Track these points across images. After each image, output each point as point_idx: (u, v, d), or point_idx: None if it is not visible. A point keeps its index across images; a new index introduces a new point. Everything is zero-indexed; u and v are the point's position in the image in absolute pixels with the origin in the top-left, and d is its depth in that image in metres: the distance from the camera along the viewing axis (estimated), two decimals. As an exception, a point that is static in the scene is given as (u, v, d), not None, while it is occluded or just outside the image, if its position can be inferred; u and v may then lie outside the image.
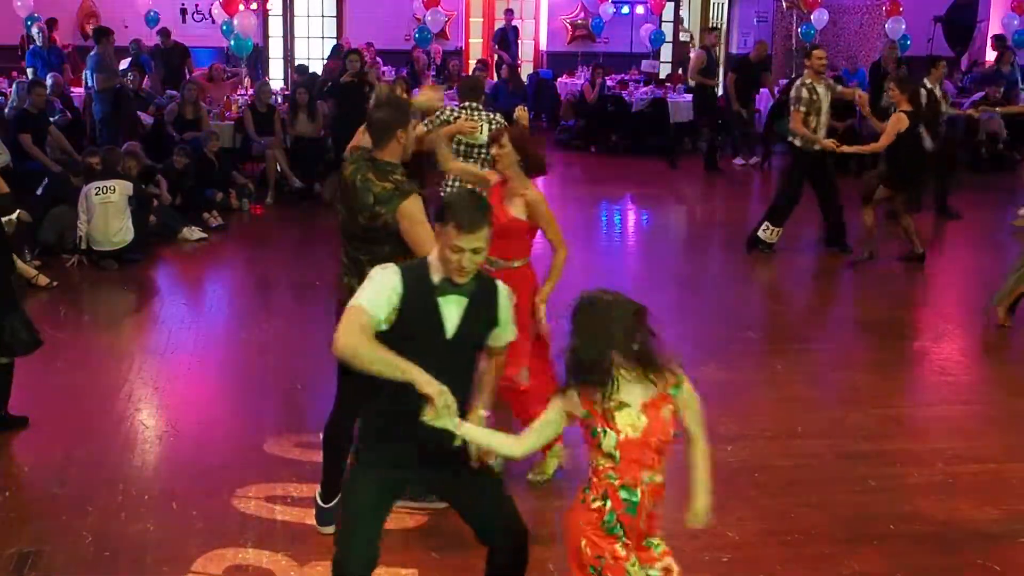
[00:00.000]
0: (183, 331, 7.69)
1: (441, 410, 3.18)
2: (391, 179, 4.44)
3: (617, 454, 3.17)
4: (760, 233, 9.94)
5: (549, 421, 3.30)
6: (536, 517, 4.63)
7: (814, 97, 9.58)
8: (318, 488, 4.76)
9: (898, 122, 9.21)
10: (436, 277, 3.39)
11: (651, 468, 3.20)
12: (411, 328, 3.36)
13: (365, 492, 3.50)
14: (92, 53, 12.35)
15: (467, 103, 7.24)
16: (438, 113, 7.01)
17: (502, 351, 3.62)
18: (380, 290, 3.37)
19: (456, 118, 7.09)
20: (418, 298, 3.37)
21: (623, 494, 3.19)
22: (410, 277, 3.39)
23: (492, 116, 7.20)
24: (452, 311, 3.39)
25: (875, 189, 9.59)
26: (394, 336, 3.35)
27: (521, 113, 6.72)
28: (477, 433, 3.33)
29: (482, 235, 3.31)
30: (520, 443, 3.36)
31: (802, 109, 9.56)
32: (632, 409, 3.17)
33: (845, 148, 9.73)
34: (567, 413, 3.25)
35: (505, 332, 3.56)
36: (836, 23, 18.34)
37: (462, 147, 7.11)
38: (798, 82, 9.87)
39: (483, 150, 6.89)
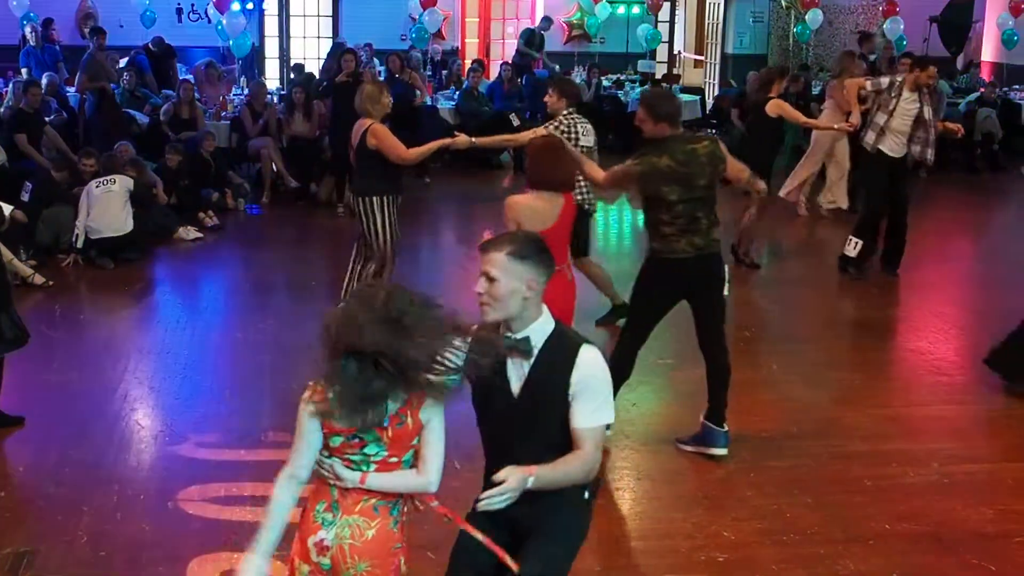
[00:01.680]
0: (179, 331, 7.68)
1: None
2: (701, 139, 5.63)
3: None
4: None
5: None
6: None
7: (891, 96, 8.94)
8: None
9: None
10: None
11: None
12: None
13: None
14: (86, 54, 12.35)
15: (571, 109, 7.28)
16: (556, 123, 7.14)
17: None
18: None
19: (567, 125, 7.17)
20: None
21: None
22: None
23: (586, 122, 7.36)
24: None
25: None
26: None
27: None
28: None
29: (489, 258, 3.16)
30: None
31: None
32: None
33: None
34: None
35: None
36: (832, 23, 18.36)
37: (584, 153, 7.14)
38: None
39: (591, 153, 7.18)
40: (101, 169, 9.63)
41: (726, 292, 5.47)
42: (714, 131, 16.13)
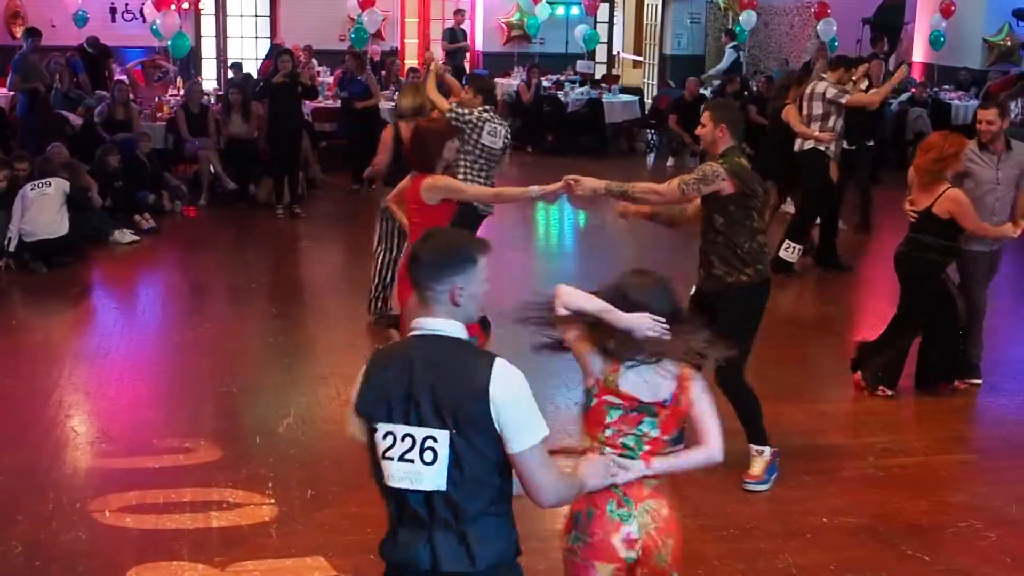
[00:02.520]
0: (115, 335, 7.56)
1: None
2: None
3: None
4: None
5: None
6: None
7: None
8: None
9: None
10: None
11: None
12: None
13: None
14: (18, 54, 12.11)
15: (486, 107, 7.23)
16: (461, 113, 7.08)
17: None
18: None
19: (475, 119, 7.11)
20: None
21: None
22: None
23: (504, 122, 7.34)
24: None
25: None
26: None
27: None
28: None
29: None
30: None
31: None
32: None
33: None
34: None
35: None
36: (768, 24, 18.60)
37: (483, 153, 7.15)
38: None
39: (503, 155, 7.25)
40: (35, 172, 9.46)
41: None
42: (653, 132, 16.28)
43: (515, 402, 2.71)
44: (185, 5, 15.41)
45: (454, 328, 2.80)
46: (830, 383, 7.05)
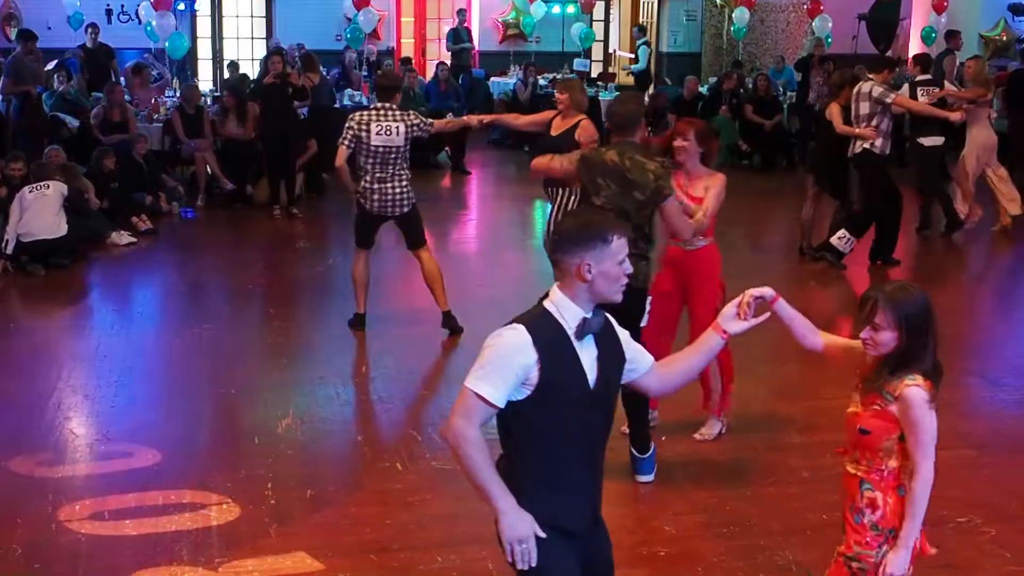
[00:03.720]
0: (113, 337, 7.56)
1: None
2: (656, 159, 5.15)
3: None
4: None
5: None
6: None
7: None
8: None
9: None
10: (572, 321, 2.98)
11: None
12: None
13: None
14: (10, 56, 12.10)
15: (383, 104, 7.28)
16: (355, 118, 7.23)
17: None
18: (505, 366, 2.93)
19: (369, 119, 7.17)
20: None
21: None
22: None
23: (407, 116, 7.31)
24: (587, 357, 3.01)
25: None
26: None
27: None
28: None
29: None
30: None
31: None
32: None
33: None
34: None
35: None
36: (763, 21, 18.61)
37: (381, 149, 7.15)
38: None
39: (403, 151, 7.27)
40: (31, 175, 9.44)
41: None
42: (650, 129, 16.26)
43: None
44: (181, 6, 15.41)
45: (565, 307, 2.96)
46: (826, 379, 7.04)
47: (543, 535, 2.94)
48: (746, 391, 6.61)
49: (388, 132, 7.19)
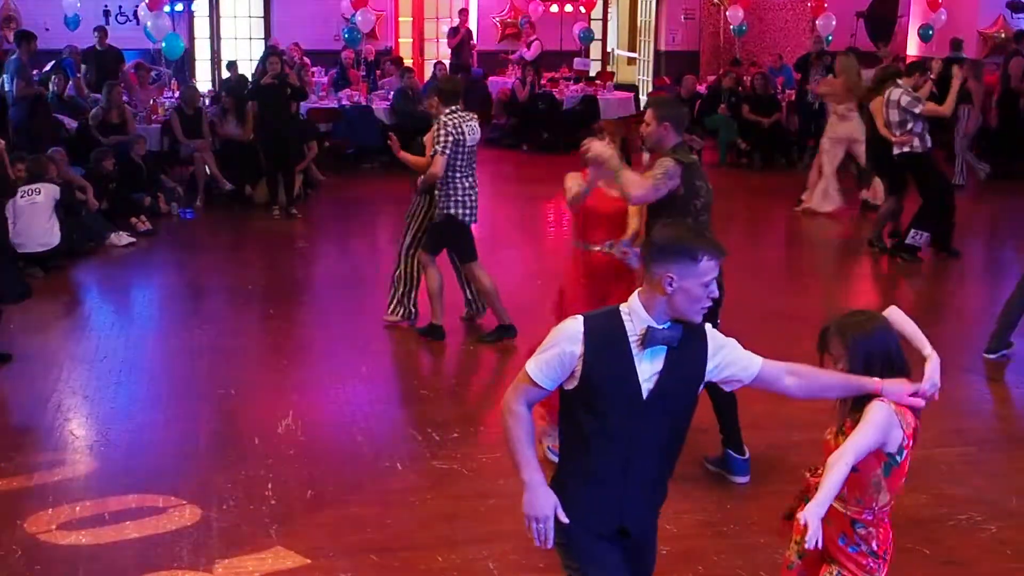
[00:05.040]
0: (112, 338, 7.55)
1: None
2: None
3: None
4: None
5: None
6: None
7: None
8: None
9: None
10: (638, 327, 2.97)
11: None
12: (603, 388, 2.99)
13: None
14: (12, 58, 12.06)
15: (453, 107, 7.10)
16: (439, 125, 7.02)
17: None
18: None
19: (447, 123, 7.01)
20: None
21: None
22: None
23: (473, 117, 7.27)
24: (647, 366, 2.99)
25: None
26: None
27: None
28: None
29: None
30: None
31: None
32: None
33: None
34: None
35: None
36: (762, 20, 18.60)
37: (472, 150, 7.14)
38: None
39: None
40: (29, 173, 9.38)
41: None
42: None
43: None
44: (179, 7, 15.39)
45: (636, 313, 2.97)
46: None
47: (565, 520, 2.98)
48: (747, 390, 6.59)
49: (474, 132, 7.15)
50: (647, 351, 2.95)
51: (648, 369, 2.96)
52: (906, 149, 9.44)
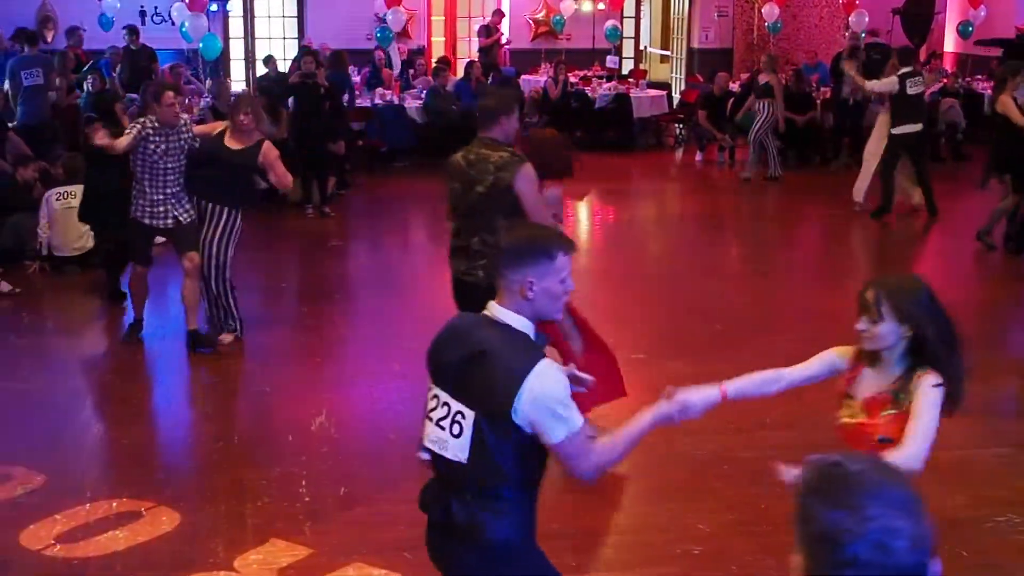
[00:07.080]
0: (146, 335, 7.60)
1: None
2: (505, 150, 5.06)
3: None
4: None
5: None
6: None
7: None
8: None
9: None
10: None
11: None
12: None
13: None
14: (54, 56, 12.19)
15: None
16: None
17: None
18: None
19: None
20: None
21: None
22: None
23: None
24: None
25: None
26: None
27: None
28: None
29: None
30: None
31: None
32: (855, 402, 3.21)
33: None
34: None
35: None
36: (796, 17, 18.47)
37: None
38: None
39: None
40: (66, 173, 9.44)
41: None
42: (680, 127, 16.23)
43: (545, 397, 2.75)
44: (214, 7, 15.48)
45: (518, 321, 2.86)
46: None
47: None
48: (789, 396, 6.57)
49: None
50: None
51: None
52: None
